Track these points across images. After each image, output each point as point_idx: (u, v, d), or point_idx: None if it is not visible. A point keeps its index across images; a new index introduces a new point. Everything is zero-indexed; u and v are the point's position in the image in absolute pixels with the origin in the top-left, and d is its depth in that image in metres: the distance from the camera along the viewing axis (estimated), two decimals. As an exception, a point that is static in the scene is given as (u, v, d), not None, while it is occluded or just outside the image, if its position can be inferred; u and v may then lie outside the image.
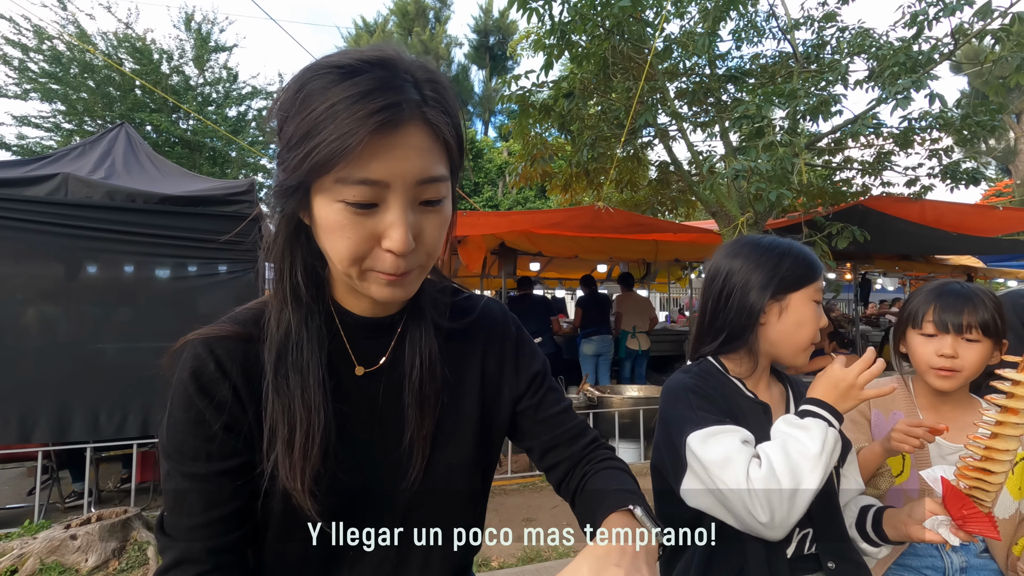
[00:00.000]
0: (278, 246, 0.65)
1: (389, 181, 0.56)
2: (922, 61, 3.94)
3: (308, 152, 0.54)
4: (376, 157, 0.55)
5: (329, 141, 0.53)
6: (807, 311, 1.00)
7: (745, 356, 1.04)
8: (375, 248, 0.59)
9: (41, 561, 2.64)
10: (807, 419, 0.91)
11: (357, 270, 0.61)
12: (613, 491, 0.72)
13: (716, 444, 0.92)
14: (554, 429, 0.82)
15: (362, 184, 0.55)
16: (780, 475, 0.86)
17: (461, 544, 0.78)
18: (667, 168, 6.05)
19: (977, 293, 1.17)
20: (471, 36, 25.85)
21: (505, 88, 5.55)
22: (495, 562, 2.84)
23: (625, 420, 4.57)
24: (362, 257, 0.59)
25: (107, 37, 10.57)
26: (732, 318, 1.04)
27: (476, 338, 0.80)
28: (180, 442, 0.62)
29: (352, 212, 0.57)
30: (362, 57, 0.57)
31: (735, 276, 1.04)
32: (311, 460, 0.63)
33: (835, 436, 0.89)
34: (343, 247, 0.59)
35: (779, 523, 0.86)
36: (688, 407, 0.98)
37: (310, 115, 0.55)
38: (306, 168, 0.55)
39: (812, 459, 0.87)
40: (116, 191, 3.37)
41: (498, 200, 18.85)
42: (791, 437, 0.90)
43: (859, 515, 1.03)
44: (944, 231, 5.70)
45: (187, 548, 0.62)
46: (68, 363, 3.18)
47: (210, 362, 0.63)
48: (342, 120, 0.53)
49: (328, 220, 0.58)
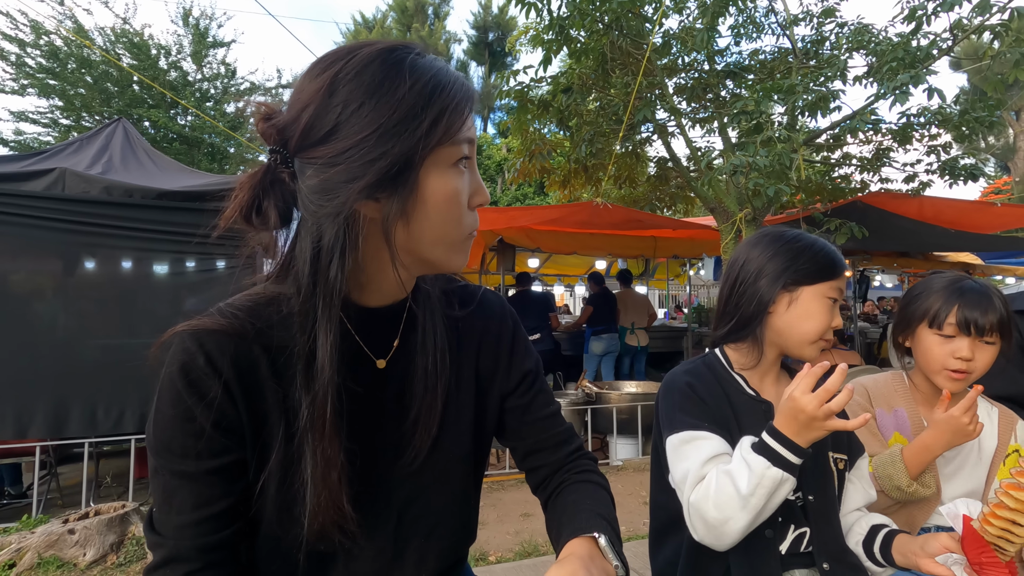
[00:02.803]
0: (339, 247, 0.58)
1: (476, 140, 0.64)
2: (921, 56, 3.94)
3: (436, 118, 0.58)
4: (470, 120, 0.63)
5: (446, 107, 0.59)
6: (818, 306, 0.98)
7: (751, 346, 1.03)
8: (466, 210, 0.65)
9: (39, 555, 2.65)
10: (751, 455, 0.85)
11: (459, 237, 0.65)
12: (585, 510, 0.72)
13: (682, 458, 0.94)
14: (539, 433, 0.81)
15: (469, 143, 0.62)
16: (711, 505, 0.87)
17: (456, 537, 0.79)
18: (666, 164, 6.05)
19: (992, 290, 1.15)
20: (470, 32, 25.78)
21: (504, 83, 5.53)
22: (492, 556, 2.85)
23: (623, 416, 4.58)
24: (464, 217, 0.65)
25: (104, 32, 10.53)
26: (743, 304, 1.03)
27: (473, 328, 0.79)
28: (168, 439, 0.60)
29: (463, 173, 0.63)
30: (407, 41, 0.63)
31: (752, 264, 1.04)
32: (328, 481, 0.62)
33: (777, 476, 0.82)
34: (456, 213, 0.63)
35: (710, 543, 0.90)
36: (672, 406, 1.00)
37: (414, 87, 0.58)
38: (439, 133, 0.58)
39: (739, 499, 0.84)
40: (114, 186, 3.36)
41: (497, 196, 18.82)
42: (729, 472, 0.87)
43: (868, 534, 1.00)
44: (943, 228, 5.71)
45: (177, 546, 0.60)
46: (65, 359, 3.18)
47: (200, 356, 0.60)
48: (454, 91, 0.60)
49: (446, 189, 0.61)
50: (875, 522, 1.02)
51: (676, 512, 0.98)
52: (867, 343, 7.79)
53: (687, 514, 0.92)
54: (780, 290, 1.00)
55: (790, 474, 0.83)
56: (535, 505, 3.56)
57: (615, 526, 0.71)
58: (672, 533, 1.03)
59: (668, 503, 1.02)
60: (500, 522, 3.33)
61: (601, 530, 0.66)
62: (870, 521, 1.02)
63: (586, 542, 0.65)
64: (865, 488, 1.06)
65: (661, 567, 1.06)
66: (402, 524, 0.72)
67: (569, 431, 0.84)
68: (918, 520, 1.19)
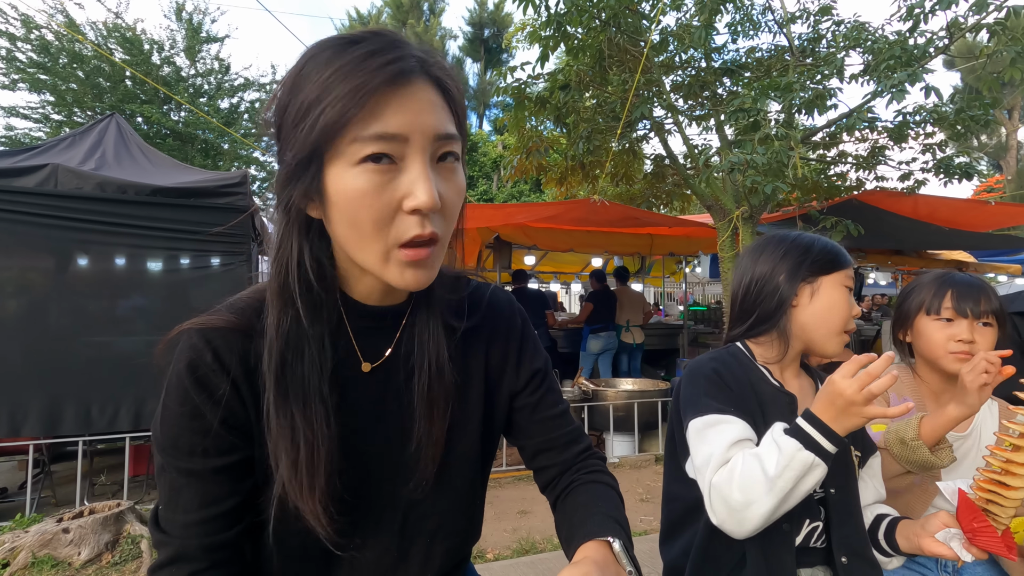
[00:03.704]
0: (286, 238, 0.60)
1: (407, 134, 0.54)
2: (917, 54, 3.95)
3: (319, 114, 0.52)
4: (391, 109, 0.53)
5: (340, 96, 0.51)
6: (838, 295, 1.00)
7: (776, 340, 1.04)
8: (398, 214, 0.55)
9: (33, 554, 2.63)
10: (783, 438, 0.84)
11: (382, 248, 0.57)
12: (597, 513, 0.71)
13: (705, 441, 0.92)
14: (549, 432, 0.81)
15: (379, 139, 0.53)
16: (735, 487, 0.85)
17: (461, 536, 0.78)
18: (662, 162, 6.05)
19: (985, 282, 1.20)
20: (466, 29, 25.71)
21: (500, 80, 5.51)
22: (490, 554, 2.85)
23: (619, 413, 4.59)
24: (385, 226, 0.55)
25: (96, 27, 10.42)
26: (763, 302, 1.04)
27: (482, 330, 0.78)
28: (175, 436, 0.60)
29: (373, 172, 0.54)
30: (361, 31, 0.57)
31: (762, 265, 1.06)
32: (318, 480, 0.61)
33: (808, 460, 0.80)
34: (366, 217, 0.55)
35: (730, 529, 0.87)
36: (697, 391, 0.99)
37: (316, 84, 0.53)
38: (318, 131, 0.52)
39: (765, 482, 0.82)
40: (107, 182, 3.33)
41: (493, 194, 18.82)
42: (757, 455, 0.86)
43: (873, 523, 1.02)
44: (937, 226, 5.74)
45: (183, 545, 0.60)
46: (59, 356, 3.15)
47: (207, 354, 0.60)
48: (353, 76, 0.52)
49: (347, 190, 0.54)
50: (879, 511, 1.03)
51: (692, 502, 0.98)
52: (861, 340, 7.83)
53: (707, 498, 0.90)
54: (800, 283, 1.02)
55: (822, 460, 0.81)
56: (533, 503, 3.56)
57: (627, 530, 0.70)
58: (687, 525, 1.03)
59: (684, 494, 1.02)
60: (498, 520, 3.33)
61: (615, 535, 0.66)
62: (874, 511, 1.04)
63: (600, 546, 0.64)
64: (876, 487, 1.07)
65: (674, 557, 1.05)
66: (407, 524, 0.72)
67: (578, 430, 0.83)
68: (917, 510, 1.20)
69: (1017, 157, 18.03)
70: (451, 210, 0.60)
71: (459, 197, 0.61)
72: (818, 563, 0.97)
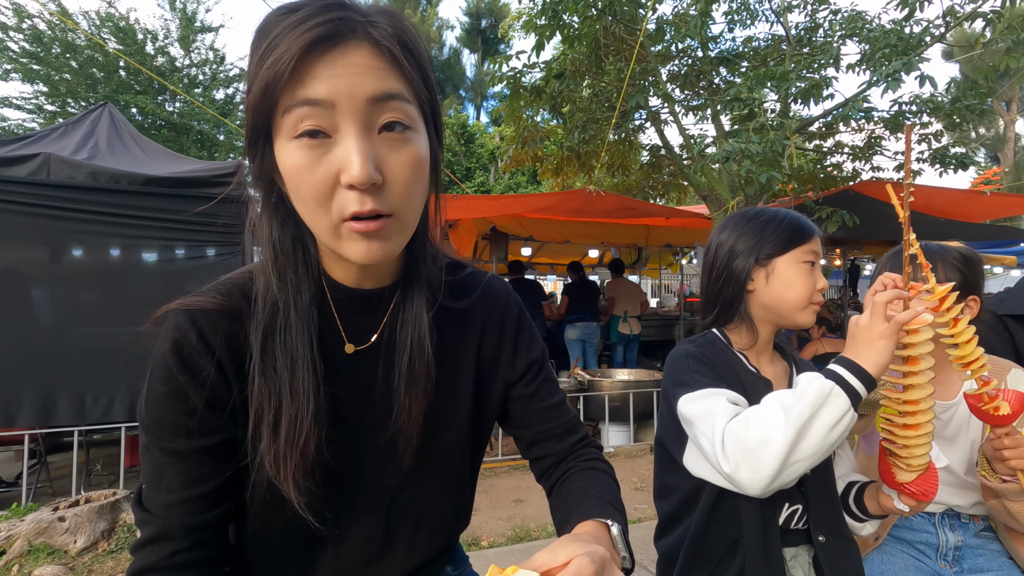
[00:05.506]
0: (261, 214, 0.62)
1: (333, 100, 0.52)
2: (913, 43, 3.94)
3: (253, 86, 0.52)
4: (314, 74, 0.51)
5: (268, 65, 0.51)
6: (795, 272, 0.99)
7: (743, 326, 1.05)
8: (337, 189, 0.54)
9: (29, 543, 2.64)
10: (805, 374, 0.84)
11: (329, 223, 0.56)
12: (595, 497, 0.71)
13: (705, 406, 0.91)
14: (545, 422, 0.80)
15: (304, 105, 0.51)
16: (752, 427, 0.82)
17: (448, 524, 0.78)
18: (658, 152, 6.04)
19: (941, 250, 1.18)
20: (463, 19, 25.55)
21: (496, 69, 5.48)
22: (485, 541, 2.87)
23: (615, 403, 4.61)
24: (325, 201, 0.54)
25: (89, 16, 10.33)
26: (723, 288, 1.05)
27: (475, 315, 0.78)
28: (159, 416, 0.60)
29: (308, 146, 0.53)
30: None
31: (723, 247, 1.06)
32: (298, 448, 0.60)
33: (825, 388, 0.77)
34: (307, 193, 0.54)
35: (744, 479, 0.82)
36: (685, 371, 0.98)
37: (256, 57, 0.53)
38: (256, 104, 0.53)
39: (782, 414, 0.80)
40: (100, 172, 3.30)
41: (490, 186, 18.77)
42: (776, 394, 0.86)
43: (844, 490, 1.04)
44: (932, 216, 5.74)
45: (165, 524, 0.60)
46: (53, 347, 3.14)
47: (192, 334, 0.60)
48: (282, 44, 0.51)
49: (287, 165, 0.54)
50: (850, 479, 1.05)
51: (689, 492, 0.99)
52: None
53: (719, 446, 0.85)
54: (754, 266, 1.01)
55: (842, 389, 0.77)
56: (527, 491, 3.59)
57: (624, 515, 0.70)
58: (685, 515, 1.02)
59: (681, 483, 1.01)
60: (492, 508, 3.35)
61: (613, 519, 0.65)
62: (846, 479, 1.06)
63: (598, 526, 0.64)
64: (848, 457, 1.09)
65: (669, 546, 1.05)
66: (393, 509, 0.72)
67: (574, 420, 0.83)
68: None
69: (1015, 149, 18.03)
70: (400, 184, 0.56)
71: (411, 169, 0.56)
72: (800, 543, 0.98)
